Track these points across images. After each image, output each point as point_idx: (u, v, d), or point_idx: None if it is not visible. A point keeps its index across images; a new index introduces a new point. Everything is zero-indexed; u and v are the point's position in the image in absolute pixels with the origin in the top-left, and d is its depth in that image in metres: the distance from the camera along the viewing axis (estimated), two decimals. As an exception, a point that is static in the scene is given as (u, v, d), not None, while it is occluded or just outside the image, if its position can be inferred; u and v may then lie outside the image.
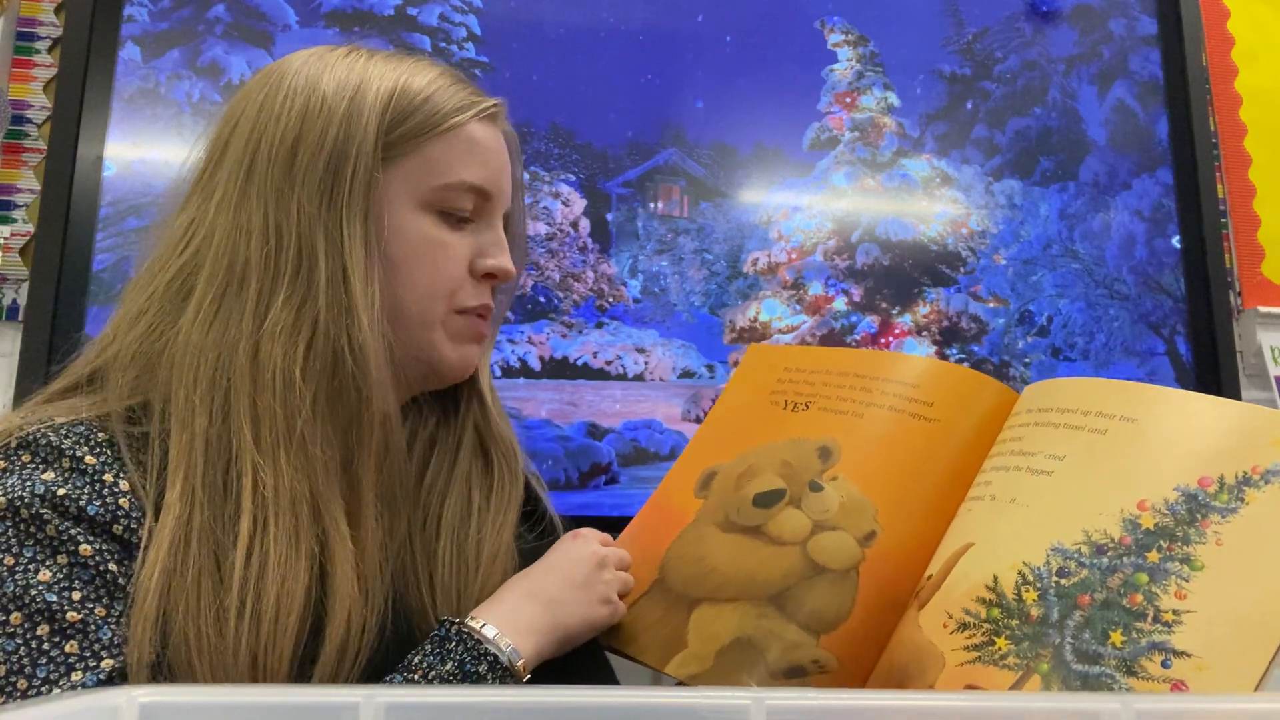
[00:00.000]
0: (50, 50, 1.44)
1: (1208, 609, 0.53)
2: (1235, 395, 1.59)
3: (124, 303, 0.68)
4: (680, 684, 0.69)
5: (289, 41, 1.46)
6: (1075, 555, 0.58)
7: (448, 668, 0.61)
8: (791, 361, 0.84)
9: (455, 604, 0.69)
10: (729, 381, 0.89)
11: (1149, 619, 0.54)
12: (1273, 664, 0.51)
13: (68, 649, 0.55)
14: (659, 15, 1.57)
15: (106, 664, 0.56)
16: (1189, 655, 0.52)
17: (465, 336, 0.72)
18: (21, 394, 1.28)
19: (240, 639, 0.57)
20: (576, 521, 0.83)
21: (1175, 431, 0.61)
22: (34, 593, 0.56)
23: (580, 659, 0.71)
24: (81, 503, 0.59)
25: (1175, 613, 0.54)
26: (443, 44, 1.50)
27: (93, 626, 0.56)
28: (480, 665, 0.62)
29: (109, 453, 0.61)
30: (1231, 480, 0.57)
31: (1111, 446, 0.62)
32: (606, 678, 0.74)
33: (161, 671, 0.57)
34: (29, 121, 1.41)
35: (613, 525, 0.82)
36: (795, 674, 0.65)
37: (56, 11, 1.44)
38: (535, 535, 0.78)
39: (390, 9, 1.50)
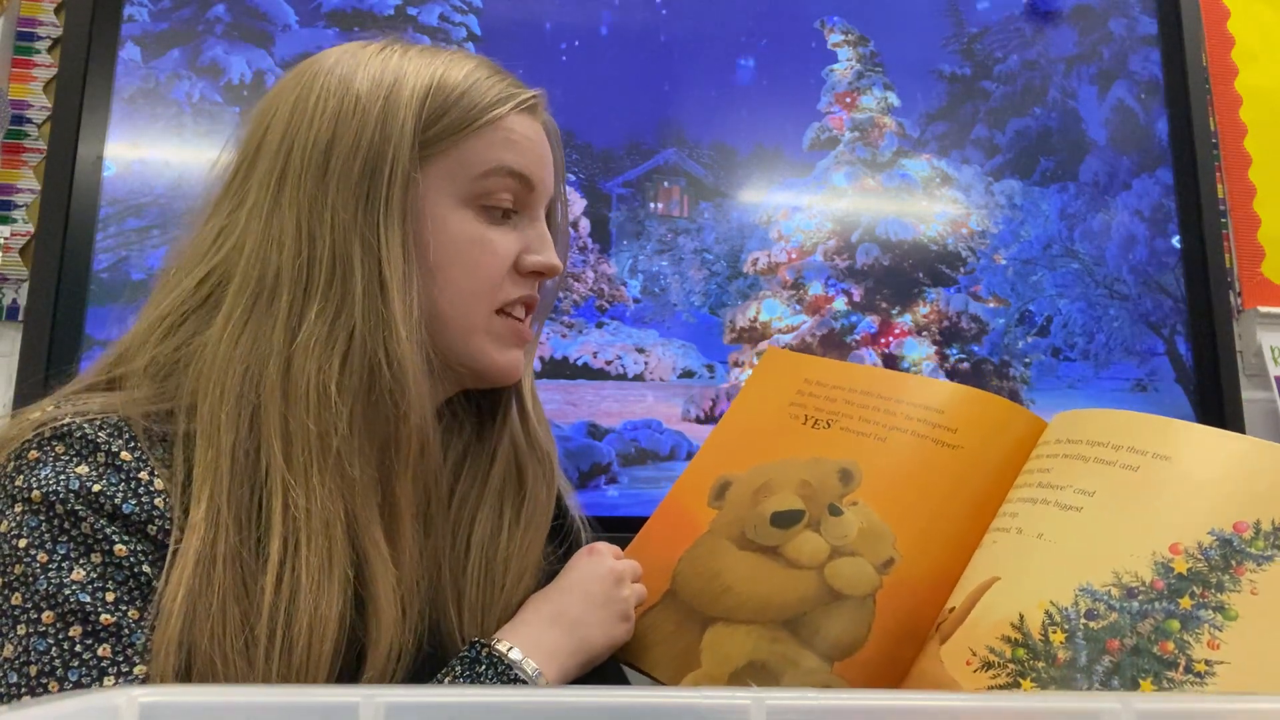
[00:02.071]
0: (50, 50, 1.44)
1: (1241, 661, 0.52)
2: (1235, 395, 1.59)
3: (148, 308, 0.66)
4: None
5: (289, 41, 1.46)
6: (1104, 597, 0.57)
7: None
8: (812, 373, 0.83)
9: (480, 622, 0.68)
10: (745, 385, 0.87)
11: (1180, 668, 0.52)
12: None
13: (100, 652, 0.54)
14: (659, 16, 1.57)
15: (140, 669, 0.55)
16: None
17: (509, 340, 0.69)
18: (21, 394, 1.28)
19: (271, 667, 0.56)
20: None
21: (1210, 473, 0.58)
22: (67, 592, 0.54)
23: (595, 669, 0.70)
24: (117, 500, 0.57)
25: (1208, 663, 0.52)
26: (443, 44, 1.50)
27: (126, 630, 0.55)
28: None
29: (143, 451, 0.59)
30: (1268, 527, 0.55)
31: (1144, 485, 0.60)
32: (619, 683, 0.74)
33: None
34: (29, 121, 1.41)
35: (612, 526, 0.82)
36: None
37: (56, 11, 1.44)
38: (563, 552, 0.77)
39: (390, 9, 1.50)
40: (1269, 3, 1.80)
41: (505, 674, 0.61)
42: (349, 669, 0.60)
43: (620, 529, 0.83)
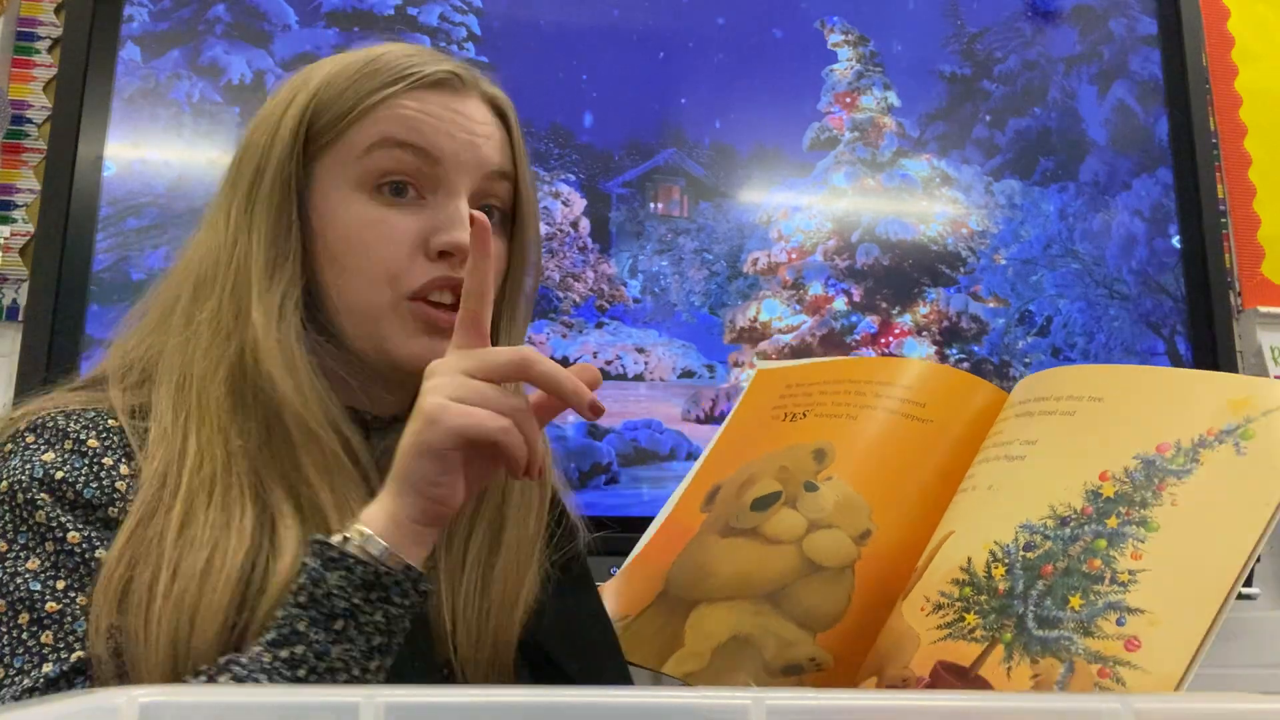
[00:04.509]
0: (50, 50, 1.44)
1: (1161, 567, 0.55)
2: (1235, 395, 1.59)
3: (133, 310, 0.70)
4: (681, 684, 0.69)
5: (289, 41, 1.46)
6: (1040, 529, 0.60)
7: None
8: (793, 378, 0.85)
9: (474, 635, 0.66)
10: (735, 406, 0.90)
11: (1106, 581, 0.56)
12: (1219, 615, 0.52)
13: (43, 639, 0.56)
14: (659, 15, 1.57)
15: (75, 656, 0.56)
16: (1142, 611, 0.54)
17: (419, 327, 0.66)
18: (21, 394, 1.28)
19: (166, 609, 0.56)
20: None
21: (1138, 405, 0.63)
22: (19, 581, 0.57)
23: (601, 664, 0.69)
24: (79, 486, 0.59)
25: (1130, 573, 0.56)
26: (443, 44, 1.50)
27: (69, 618, 0.57)
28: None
29: (115, 439, 0.62)
30: (1188, 444, 0.58)
31: (1078, 426, 0.64)
32: (624, 678, 0.74)
33: (123, 635, 0.56)
34: (29, 121, 1.41)
35: (613, 525, 0.82)
36: (792, 671, 0.65)
37: (56, 11, 1.44)
38: (555, 543, 0.74)
39: (390, 9, 1.50)
40: (1269, 3, 1.80)
41: (341, 562, 0.55)
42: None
43: (620, 529, 0.83)
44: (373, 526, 0.55)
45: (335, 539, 0.55)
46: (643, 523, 0.86)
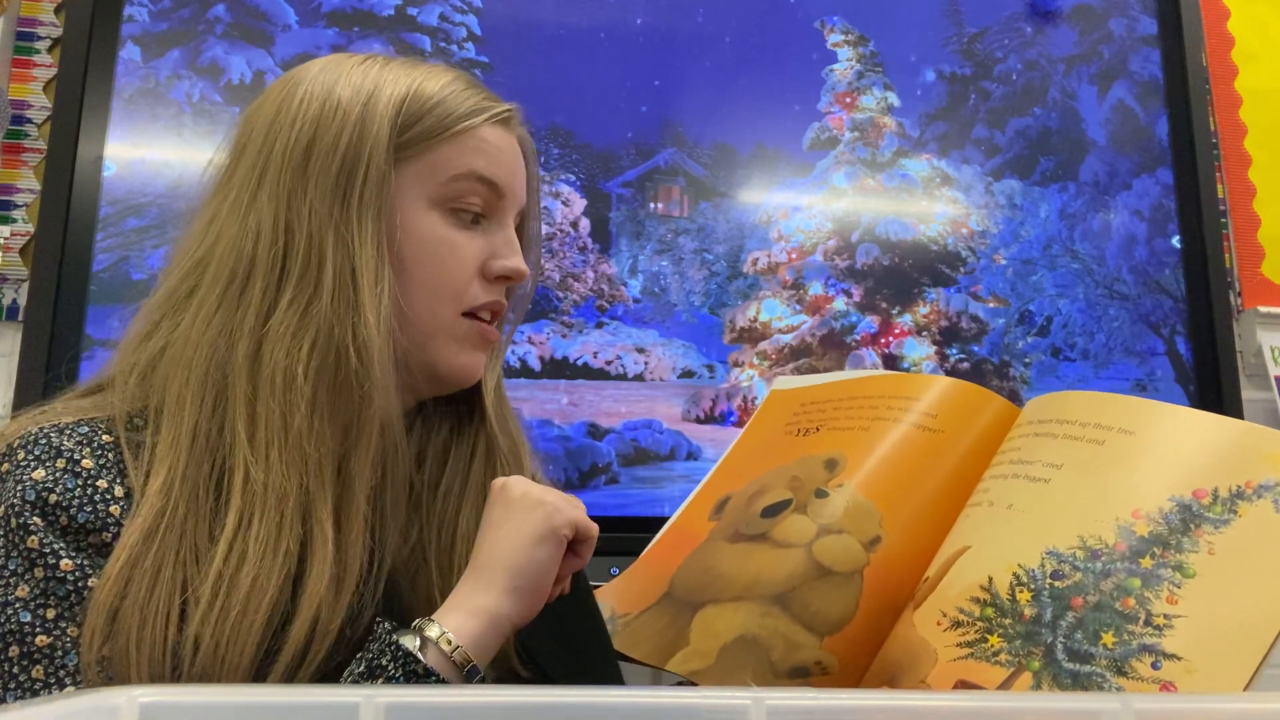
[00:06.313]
0: (50, 50, 1.44)
1: (1198, 614, 0.55)
2: (1235, 395, 1.59)
3: (139, 310, 0.69)
4: (682, 682, 0.69)
5: (289, 41, 1.46)
6: (1069, 559, 0.60)
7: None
8: (808, 396, 0.86)
9: None
10: (749, 423, 0.91)
11: (1140, 622, 0.56)
12: (1259, 670, 0.52)
13: (34, 674, 0.55)
14: (659, 15, 1.57)
15: (68, 691, 0.55)
16: (1178, 658, 0.54)
17: (471, 342, 0.71)
18: (21, 394, 1.28)
19: (206, 630, 0.56)
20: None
21: (1171, 445, 0.62)
22: (10, 611, 0.56)
23: (593, 660, 0.70)
24: (72, 510, 0.58)
25: (1166, 617, 0.55)
26: (443, 44, 1.50)
27: (59, 651, 0.56)
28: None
29: (109, 456, 0.61)
30: (1225, 493, 0.58)
31: (1108, 457, 0.63)
32: (615, 679, 0.74)
33: (111, 665, 0.55)
34: (29, 121, 1.41)
35: (613, 525, 0.82)
36: (798, 674, 0.66)
37: (56, 11, 1.44)
38: None
39: (390, 9, 1.50)
40: (1269, 3, 1.80)
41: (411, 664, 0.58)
42: (276, 643, 0.59)
43: (620, 530, 0.83)
44: (463, 633, 0.58)
45: (415, 642, 0.57)
46: (642, 523, 0.87)
